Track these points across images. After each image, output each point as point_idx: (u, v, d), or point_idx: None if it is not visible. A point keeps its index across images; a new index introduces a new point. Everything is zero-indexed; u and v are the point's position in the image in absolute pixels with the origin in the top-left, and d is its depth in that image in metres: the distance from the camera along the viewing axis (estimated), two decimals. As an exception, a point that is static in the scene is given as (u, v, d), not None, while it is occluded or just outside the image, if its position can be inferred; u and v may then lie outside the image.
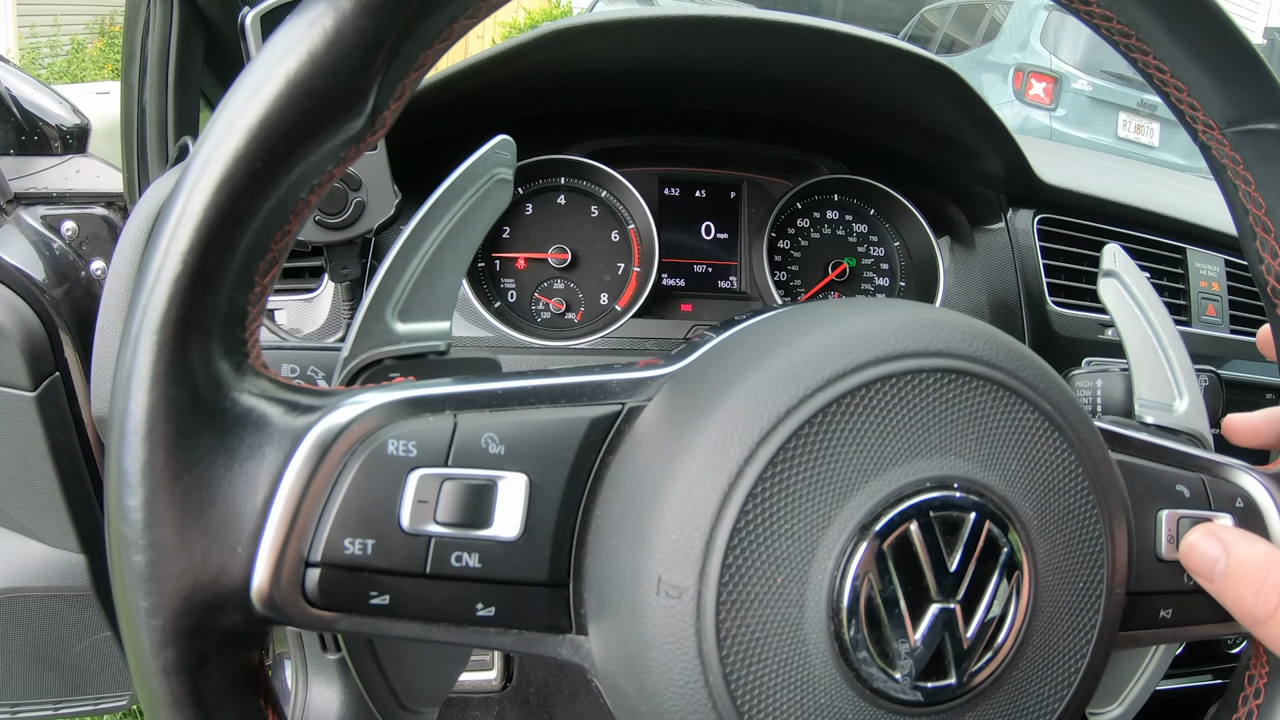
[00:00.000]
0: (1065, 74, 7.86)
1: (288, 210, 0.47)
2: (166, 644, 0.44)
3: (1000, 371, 0.54)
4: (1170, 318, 0.77)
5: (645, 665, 0.49)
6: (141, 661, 0.44)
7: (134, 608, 0.43)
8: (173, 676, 0.44)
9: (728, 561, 0.48)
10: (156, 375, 0.43)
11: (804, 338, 0.53)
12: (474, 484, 0.50)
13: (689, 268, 1.50)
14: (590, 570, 0.53)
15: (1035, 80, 7.87)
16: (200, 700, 0.45)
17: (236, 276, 0.46)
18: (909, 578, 0.50)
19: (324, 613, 0.48)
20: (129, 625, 0.44)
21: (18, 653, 1.43)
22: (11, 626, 1.41)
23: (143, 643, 0.44)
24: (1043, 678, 0.56)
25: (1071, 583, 0.56)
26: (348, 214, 1.09)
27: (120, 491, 0.43)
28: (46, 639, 1.43)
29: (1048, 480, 0.55)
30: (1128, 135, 8.03)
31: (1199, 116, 0.65)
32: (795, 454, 0.49)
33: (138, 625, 0.44)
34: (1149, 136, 8.10)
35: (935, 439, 0.52)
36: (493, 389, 0.53)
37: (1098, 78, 7.90)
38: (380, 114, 0.49)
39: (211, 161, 0.43)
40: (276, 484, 0.47)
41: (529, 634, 0.53)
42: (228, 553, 0.45)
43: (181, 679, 0.44)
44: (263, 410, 0.48)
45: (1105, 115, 7.96)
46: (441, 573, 0.50)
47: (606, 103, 1.43)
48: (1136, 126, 8.07)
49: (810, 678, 0.50)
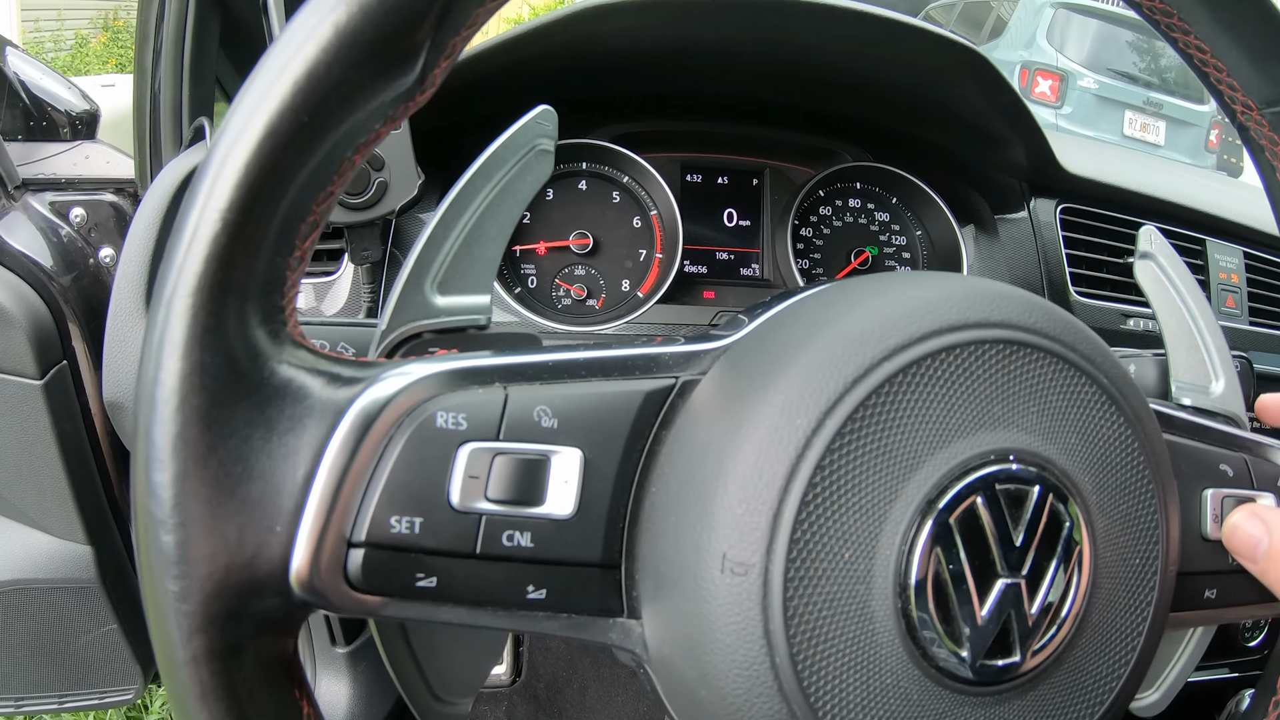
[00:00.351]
0: (1071, 72, 7.87)
1: (332, 170, 0.45)
2: (197, 631, 0.41)
3: (1060, 344, 0.53)
4: (1206, 301, 0.77)
5: (707, 647, 0.48)
6: (169, 650, 0.42)
7: (162, 592, 0.41)
8: (203, 666, 0.42)
9: (795, 536, 0.47)
10: (191, 341, 0.41)
11: (867, 307, 0.52)
12: (527, 459, 0.48)
13: (711, 255, 1.49)
14: (645, 550, 0.51)
15: (1041, 78, 7.88)
16: (232, 691, 0.42)
17: (276, 238, 0.44)
18: (976, 552, 0.49)
19: (367, 596, 0.46)
20: (156, 611, 0.42)
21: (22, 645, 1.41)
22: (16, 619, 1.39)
23: (171, 629, 0.41)
24: (1101, 656, 0.55)
25: (1129, 559, 0.55)
26: (370, 194, 1.08)
27: (149, 466, 0.41)
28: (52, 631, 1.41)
29: (1105, 455, 0.54)
30: (1134, 134, 8.04)
31: (1238, 97, 0.65)
32: (862, 425, 0.48)
33: (165, 611, 0.41)
34: (1155, 135, 8.11)
35: (998, 411, 0.51)
36: (544, 361, 0.51)
37: (1104, 76, 7.91)
38: (430, 72, 0.47)
39: (256, 113, 0.41)
40: (318, 458, 0.45)
41: (579, 618, 0.51)
42: (265, 531, 0.43)
43: (212, 668, 0.42)
44: (302, 381, 0.45)
45: (1111, 113, 7.96)
46: (492, 553, 0.48)
47: (630, 86, 1.42)
48: (1143, 125, 8.07)
49: (877, 657, 0.48)
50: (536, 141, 0.63)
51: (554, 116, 0.63)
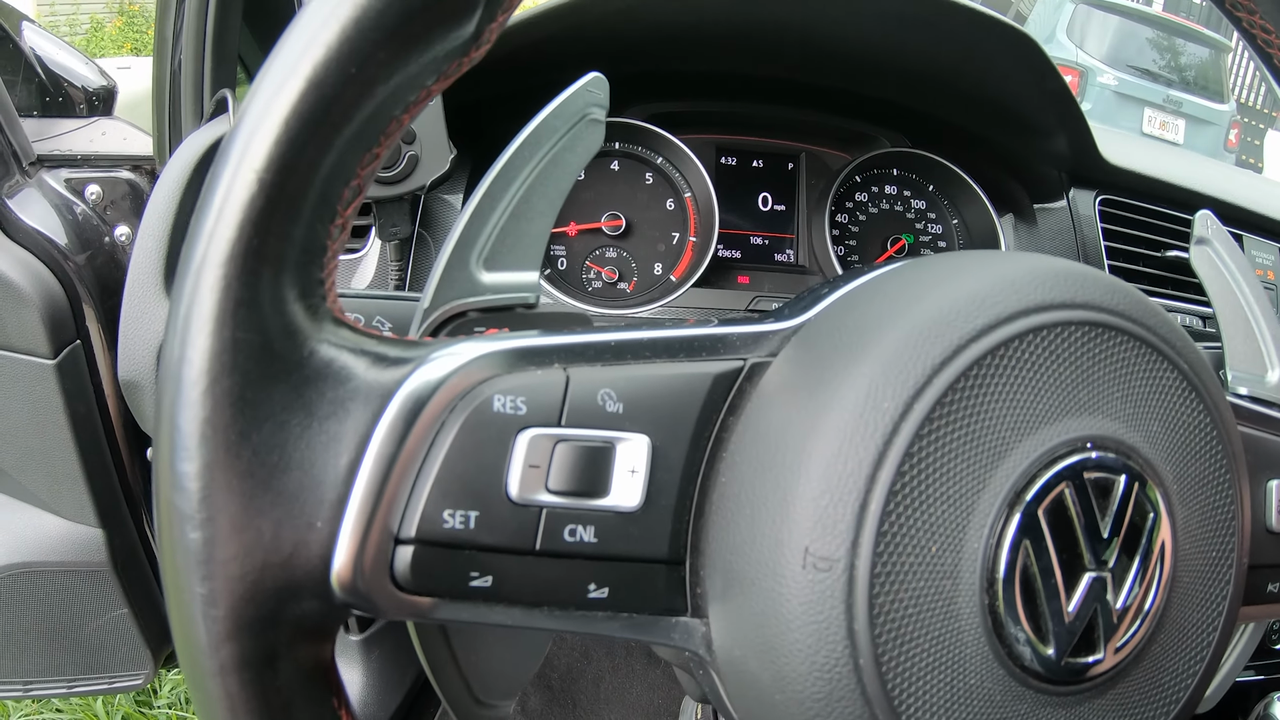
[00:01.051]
0: (1091, 68, 7.85)
1: (379, 129, 0.42)
2: (227, 638, 0.38)
3: (1142, 327, 0.50)
4: (1263, 289, 0.74)
5: (784, 649, 0.44)
6: (196, 658, 0.38)
7: (189, 595, 0.37)
8: (233, 676, 0.38)
9: (883, 529, 0.43)
10: (223, 316, 0.37)
11: (949, 285, 0.49)
12: (591, 446, 0.45)
13: (745, 239, 1.47)
14: (713, 545, 0.47)
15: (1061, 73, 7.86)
16: (266, 704, 0.39)
17: (318, 203, 0.40)
18: (1064, 544, 0.46)
19: (415, 598, 0.42)
20: (181, 615, 0.38)
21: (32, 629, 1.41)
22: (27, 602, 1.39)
23: (199, 636, 0.38)
24: (1178, 652, 0.52)
25: (1206, 551, 0.53)
26: (400, 168, 1.06)
27: (174, 456, 0.37)
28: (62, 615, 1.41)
29: (1187, 442, 0.52)
30: (1153, 131, 8.02)
31: (1274, 40, 0.62)
32: (951, 410, 0.45)
33: (192, 616, 0.38)
34: (1174, 134, 8.09)
35: (1084, 396, 0.48)
36: (606, 340, 0.47)
37: (1124, 72, 7.89)
38: (488, 26, 0.44)
39: (300, 62, 0.38)
40: (364, 446, 0.41)
41: (640, 618, 0.47)
42: (304, 528, 0.39)
43: (244, 679, 0.38)
44: (345, 362, 0.42)
45: (1131, 111, 7.94)
46: (553, 549, 0.44)
47: (666, 65, 1.39)
48: (1161, 123, 8.05)
49: (961, 656, 0.45)
50: (588, 110, 0.58)
51: (605, 85, 0.59)
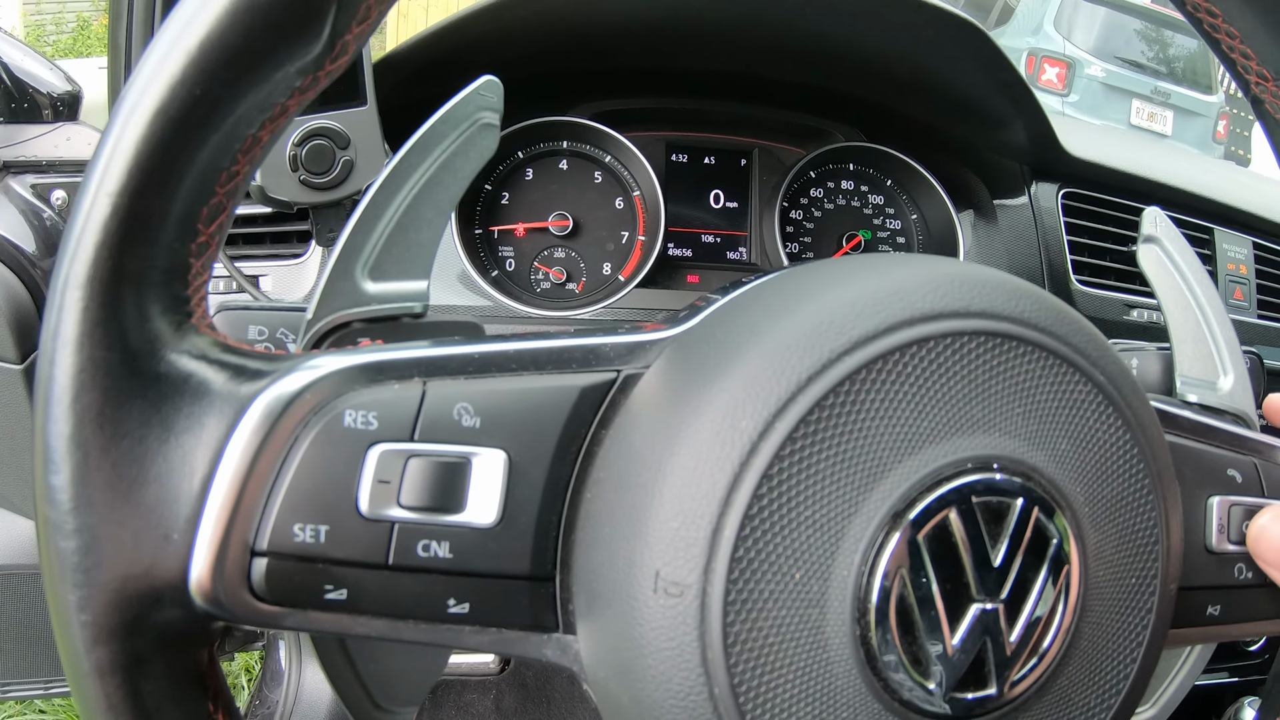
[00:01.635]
0: (1079, 59, 7.87)
1: (234, 147, 0.43)
2: (98, 642, 0.39)
3: (1050, 337, 0.48)
4: (1215, 289, 0.72)
5: (640, 673, 0.44)
6: (73, 661, 0.40)
7: (63, 600, 0.39)
8: (107, 678, 0.40)
9: (738, 555, 0.42)
10: (83, 335, 0.39)
11: (828, 293, 0.47)
12: (444, 461, 0.45)
13: (696, 237, 1.46)
14: (579, 562, 0.47)
15: (1048, 65, 7.88)
16: (139, 705, 0.40)
17: (177, 223, 0.42)
18: (947, 573, 0.44)
19: (273, 608, 0.43)
20: (58, 619, 0.40)
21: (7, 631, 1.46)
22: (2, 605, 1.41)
23: (73, 640, 0.40)
24: (1090, 684, 0.50)
25: (1123, 578, 0.50)
26: (335, 173, 1.05)
27: (45, 469, 0.39)
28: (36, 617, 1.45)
29: (1100, 461, 0.49)
30: (1140, 123, 8.04)
31: (1252, 66, 0.60)
32: (818, 428, 0.43)
33: (67, 620, 0.40)
34: (1162, 125, 8.10)
35: (978, 413, 0.46)
36: (468, 353, 0.47)
37: (1111, 64, 7.91)
38: (340, 38, 0.44)
39: (148, 89, 0.39)
40: (217, 460, 0.42)
41: (509, 633, 0.47)
42: (160, 540, 0.41)
43: (116, 681, 0.40)
44: (203, 375, 0.43)
45: (1118, 102, 7.96)
46: (406, 564, 0.44)
47: (612, 62, 1.39)
48: (1149, 114, 8.07)
49: (832, 689, 0.44)
50: (479, 115, 0.58)
51: (499, 88, 0.58)
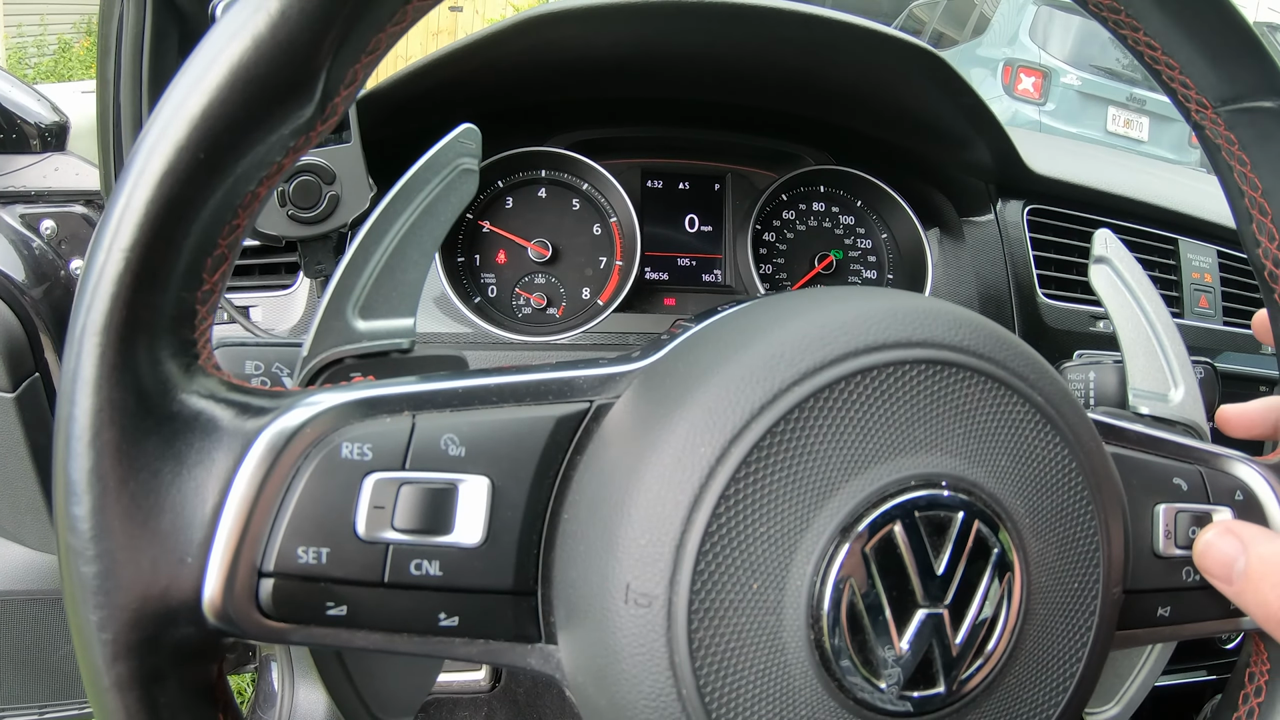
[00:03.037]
0: (1054, 68, 7.89)
1: (235, 203, 0.46)
2: (118, 658, 0.42)
3: (988, 362, 0.52)
4: (1164, 305, 0.76)
5: (615, 677, 0.48)
6: (94, 677, 0.43)
7: (84, 621, 0.42)
8: (126, 692, 0.43)
9: (700, 567, 0.46)
10: (100, 378, 0.42)
11: (779, 328, 0.51)
12: (433, 488, 0.48)
13: (672, 261, 1.49)
14: (558, 577, 0.51)
15: (1024, 75, 7.89)
16: (156, 716, 0.43)
17: (184, 274, 0.45)
18: (894, 582, 0.48)
19: (280, 624, 0.46)
20: (80, 639, 0.43)
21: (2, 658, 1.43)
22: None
23: (94, 657, 0.42)
24: (1037, 682, 0.54)
25: (1066, 583, 0.54)
26: (321, 208, 1.08)
27: (67, 500, 0.42)
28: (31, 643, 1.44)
29: (1039, 476, 0.53)
30: (1117, 130, 8.06)
31: (1191, 95, 0.64)
32: (770, 452, 0.47)
33: (89, 639, 0.42)
34: (1138, 131, 8.13)
35: (920, 434, 0.50)
36: (453, 388, 0.51)
37: (1087, 72, 7.93)
38: (330, 101, 0.47)
39: (154, 153, 0.42)
40: (226, 490, 0.45)
41: (496, 644, 0.51)
42: (176, 563, 0.44)
43: (135, 694, 0.43)
44: (212, 413, 0.46)
45: (1095, 110, 7.98)
46: (400, 582, 0.47)
47: (587, 93, 1.42)
48: (1126, 121, 8.09)
49: (790, 689, 0.48)
50: (459, 161, 0.62)
51: (477, 135, 0.63)
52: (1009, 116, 7.83)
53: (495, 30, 1.16)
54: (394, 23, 0.48)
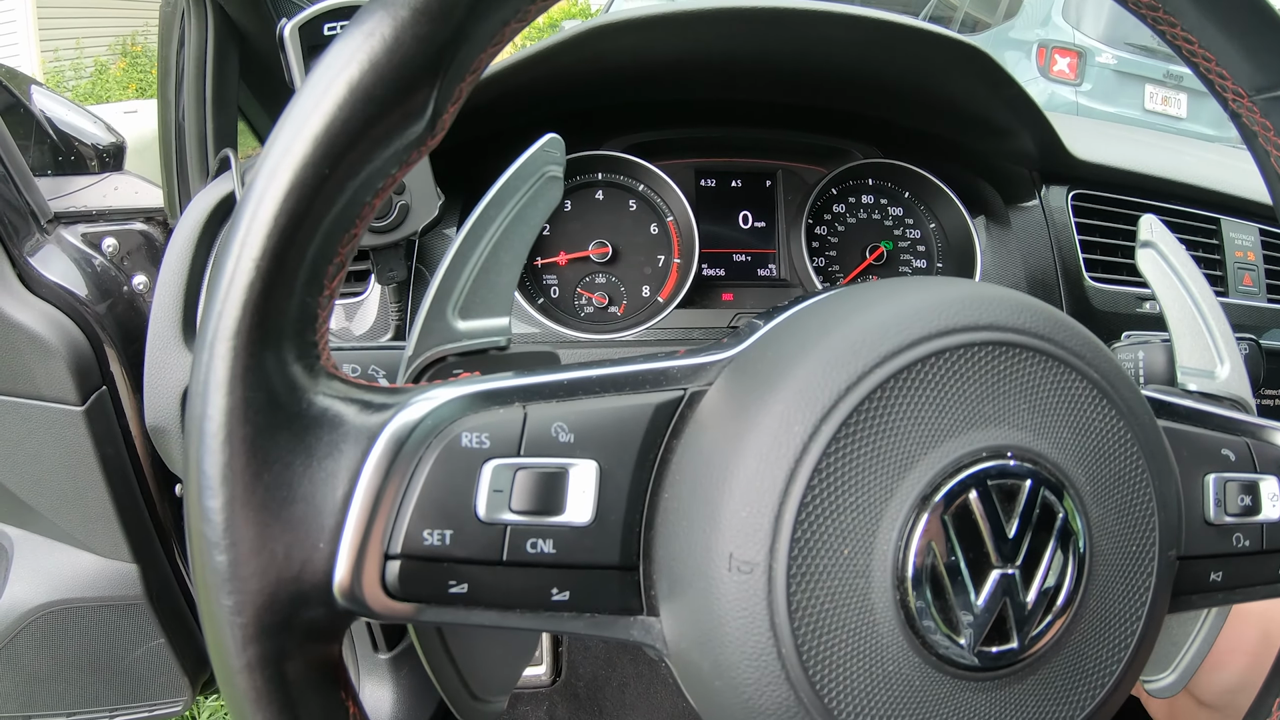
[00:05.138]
0: (1089, 48, 7.75)
1: (354, 215, 0.49)
2: (251, 641, 0.45)
3: (1048, 343, 0.55)
4: (1209, 286, 0.78)
5: (719, 641, 0.51)
6: (226, 659, 0.45)
7: (218, 607, 0.45)
8: (257, 672, 0.45)
9: (796, 536, 0.50)
10: (234, 379, 0.45)
11: (858, 317, 0.55)
12: (546, 472, 0.51)
13: (728, 257, 1.51)
14: (660, 552, 0.54)
15: (1059, 56, 7.77)
16: (285, 695, 0.46)
17: (307, 281, 0.48)
18: (970, 545, 0.52)
19: (404, 604, 0.50)
20: (212, 624, 0.45)
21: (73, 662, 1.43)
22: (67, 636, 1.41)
23: (227, 640, 0.45)
24: (1100, 641, 0.57)
25: (1125, 547, 0.57)
26: (392, 217, 1.11)
27: (201, 494, 0.44)
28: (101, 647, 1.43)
29: (1098, 446, 0.56)
30: (1155, 108, 7.91)
31: (1228, 85, 0.66)
32: (856, 429, 0.51)
33: (221, 624, 0.45)
34: (1177, 108, 7.99)
35: (989, 410, 0.54)
36: (560, 380, 0.54)
37: (1122, 50, 7.79)
38: (440, 117, 0.50)
39: (280, 169, 0.45)
40: (355, 480, 0.48)
41: (601, 617, 0.54)
42: (310, 548, 0.47)
43: (266, 674, 0.45)
44: (338, 410, 0.49)
45: (1132, 88, 7.84)
46: (518, 559, 0.51)
47: (640, 97, 1.43)
48: (1164, 98, 7.95)
49: (878, 646, 0.51)
50: (545, 169, 0.66)
51: (561, 144, 0.66)
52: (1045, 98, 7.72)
53: (555, 43, 1.19)
54: (493, 43, 0.51)
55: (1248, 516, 0.66)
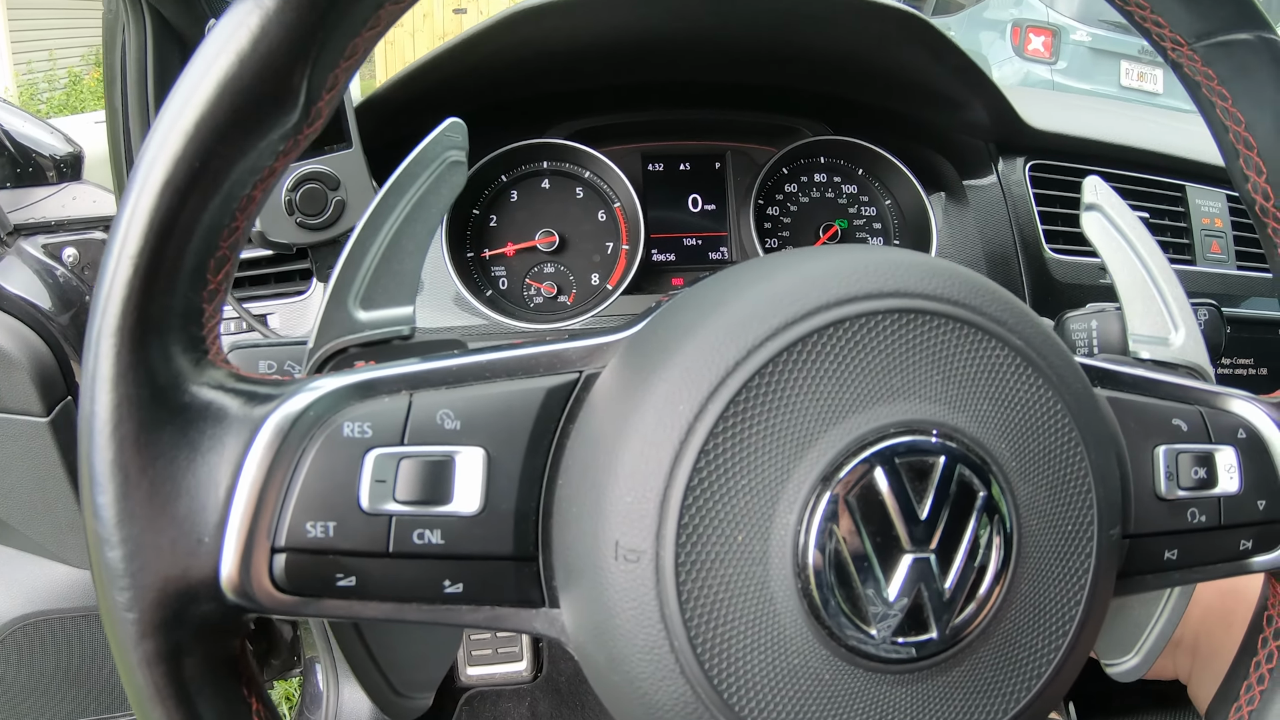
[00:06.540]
0: (1063, 26, 7.79)
1: (233, 207, 0.48)
2: (144, 636, 0.45)
3: (963, 308, 0.52)
4: (1159, 249, 0.75)
5: (611, 633, 0.49)
6: (123, 655, 0.45)
7: (112, 603, 0.45)
8: (153, 668, 0.45)
9: (684, 521, 0.48)
10: (118, 376, 0.45)
11: (753, 288, 0.52)
12: (431, 460, 0.50)
13: (678, 242, 1.50)
14: (556, 541, 0.52)
15: (1034, 35, 7.81)
16: (181, 690, 0.46)
17: (189, 276, 0.47)
18: (877, 528, 0.49)
19: (294, 597, 0.48)
20: (109, 620, 0.45)
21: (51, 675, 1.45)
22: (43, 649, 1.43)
23: (122, 636, 0.45)
24: (1036, 627, 0.54)
25: (1058, 525, 0.54)
26: (328, 214, 1.10)
27: (92, 490, 0.44)
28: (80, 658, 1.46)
29: (1024, 419, 0.53)
30: (1131, 84, 7.94)
31: (1165, 34, 0.64)
32: (747, 407, 0.49)
33: (116, 619, 0.45)
34: (1152, 84, 8.02)
35: (898, 383, 0.51)
36: (447, 366, 0.53)
37: (1096, 28, 7.83)
38: (314, 105, 0.49)
39: (154, 165, 0.45)
40: (237, 473, 0.47)
41: (501, 609, 0.53)
42: (194, 543, 0.46)
43: (161, 670, 0.45)
44: (221, 402, 0.48)
45: (1107, 65, 7.88)
46: (405, 551, 0.49)
47: (581, 83, 1.43)
48: (1139, 74, 7.98)
49: (781, 638, 0.49)
50: (446, 154, 0.64)
51: (463, 129, 0.65)
52: (1021, 77, 7.75)
53: (479, 30, 1.18)
54: (369, 28, 0.50)
55: (1203, 490, 0.63)
